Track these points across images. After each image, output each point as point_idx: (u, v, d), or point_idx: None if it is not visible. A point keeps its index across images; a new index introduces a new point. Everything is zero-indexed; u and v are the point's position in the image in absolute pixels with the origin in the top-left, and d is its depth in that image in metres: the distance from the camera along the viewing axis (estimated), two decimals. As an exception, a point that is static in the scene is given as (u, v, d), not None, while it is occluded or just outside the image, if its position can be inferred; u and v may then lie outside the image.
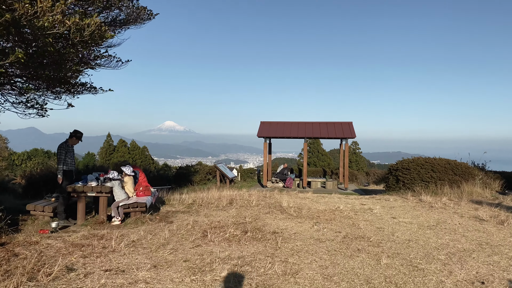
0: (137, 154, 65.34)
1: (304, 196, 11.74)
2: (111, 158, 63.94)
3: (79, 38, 4.52)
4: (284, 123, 19.17)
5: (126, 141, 66.48)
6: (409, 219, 7.87)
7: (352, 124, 18.97)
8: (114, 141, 64.04)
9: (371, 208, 9.22)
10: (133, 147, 65.70)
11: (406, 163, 13.52)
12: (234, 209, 8.86)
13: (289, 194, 12.44)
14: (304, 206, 9.48)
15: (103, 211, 7.69)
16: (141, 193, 8.07)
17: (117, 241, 5.69)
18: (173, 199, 10.34)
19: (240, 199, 10.63)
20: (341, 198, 11.38)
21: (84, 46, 4.70)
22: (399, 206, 9.78)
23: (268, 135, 18.04)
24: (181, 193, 12.78)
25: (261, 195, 11.83)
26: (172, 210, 8.88)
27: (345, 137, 17.81)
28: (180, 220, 7.67)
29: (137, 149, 65.79)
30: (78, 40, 4.54)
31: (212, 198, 10.50)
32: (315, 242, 5.88)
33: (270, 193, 12.96)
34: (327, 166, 59.91)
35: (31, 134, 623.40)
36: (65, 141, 7.91)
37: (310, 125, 18.77)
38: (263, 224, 7.24)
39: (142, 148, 68.02)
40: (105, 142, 66.60)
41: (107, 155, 64.24)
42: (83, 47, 4.74)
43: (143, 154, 66.71)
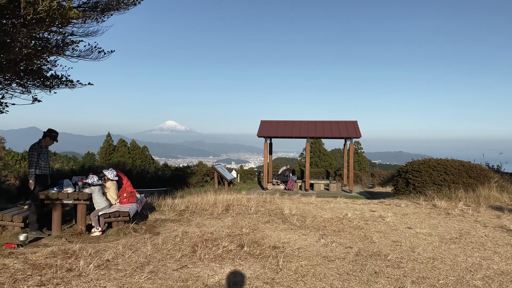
0: (137, 154, 64.53)
1: (308, 201, 10.83)
2: (111, 158, 63.12)
3: (33, 15, 3.63)
4: (286, 122, 18.27)
5: (127, 140, 65.74)
6: (427, 230, 6.95)
7: (357, 123, 18.06)
8: (115, 141, 63.31)
9: (382, 216, 8.31)
10: (133, 147, 64.88)
11: (416, 164, 12.60)
12: (230, 217, 7.95)
13: (291, 199, 11.54)
14: (308, 213, 8.57)
15: (81, 221, 6.80)
16: (125, 200, 7.18)
17: (88, 260, 4.80)
18: (164, 205, 9.44)
19: (237, 204, 9.74)
20: (347, 204, 10.46)
21: (41, 26, 3.81)
22: (412, 213, 8.87)
23: (268, 134, 17.14)
24: (175, 197, 11.90)
25: (260, 200, 10.93)
26: (161, 218, 7.98)
27: (349, 137, 16.90)
28: (168, 231, 6.77)
29: (137, 149, 64.97)
30: (32, 17, 3.65)
31: (206, 204, 9.60)
32: (323, 261, 4.98)
33: (271, 197, 12.05)
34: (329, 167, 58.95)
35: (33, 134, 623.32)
36: (37, 141, 7.03)
37: (312, 124, 17.87)
38: (262, 236, 6.34)
39: (142, 148, 67.18)
40: (105, 141, 65.82)
41: (107, 155, 63.44)
42: (40, 27, 3.86)
43: (143, 154, 65.89)
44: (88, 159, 73.16)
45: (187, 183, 15.57)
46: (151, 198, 10.64)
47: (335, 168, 60.44)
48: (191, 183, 15.89)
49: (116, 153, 62.44)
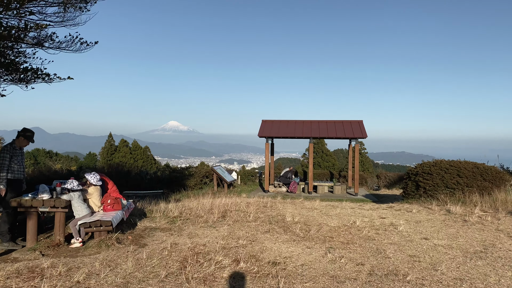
0: (138, 154, 63.89)
1: (312, 206, 10.09)
2: (113, 158, 62.54)
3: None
4: (288, 121, 17.53)
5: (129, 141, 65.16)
6: (446, 241, 6.20)
7: (363, 123, 17.30)
8: (118, 141, 62.69)
9: (394, 224, 7.57)
10: (135, 147, 64.25)
11: (427, 166, 11.83)
12: (226, 225, 7.21)
13: (293, 203, 10.80)
14: (312, 221, 7.83)
15: (59, 231, 6.09)
16: (109, 207, 6.46)
17: (54, 282, 4.08)
18: (156, 211, 8.72)
19: (235, 210, 9.01)
20: (355, 209, 9.71)
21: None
22: (425, 220, 8.12)
23: (270, 135, 16.42)
24: (169, 202, 11.18)
25: (261, 204, 10.20)
26: (151, 226, 7.26)
27: (355, 137, 16.15)
28: (157, 242, 6.05)
29: (138, 149, 64.33)
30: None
31: (202, 209, 8.88)
32: (331, 283, 4.24)
33: (272, 201, 11.33)
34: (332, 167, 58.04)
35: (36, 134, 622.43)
36: (10, 142, 6.33)
37: (316, 124, 17.12)
38: (261, 249, 5.61)
39: (144, 148, 66.51)
40: (107, 142, 65.21)
41: (108, 155, 62.84)
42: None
43: (144, 154, 65.23)
44: (89, 159, 72.62)
45: (184, 185, 14.84)
46: (142, 204, 9.93)
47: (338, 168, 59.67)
48: (189, 185, 15.15)
49: (117, 154, 61.86)
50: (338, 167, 60.19)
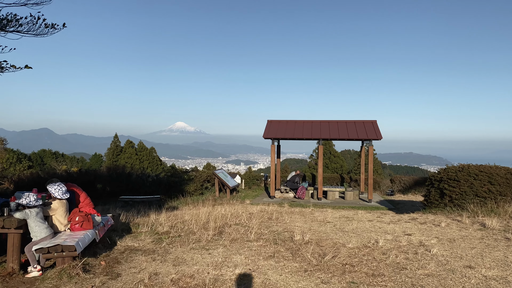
0: (144, 155, 63.02)
1: (324, 218, 8.82)
2: (118, 160, 61.78)
3: None
4: (295, 122, 16.26)
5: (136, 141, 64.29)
6: (497, 271, 4.91)
7: (377, 123, 15.98)
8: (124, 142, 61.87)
9: (424, 244, 6.28)
10: (141, 148, 63.36)
11: (453, 172, 10.50)
12: (221, 246, 5.97)
13: (302, 214, 9.53)
14: (325, 239, 6.57)
15: (12, 257, 4.90)
16: (78, 225, 5.26)
17: None
18: (144, 224, 7.52)
19: (235, 223, 7.78)
20: (373, 222, 8.42)
21: None
22: (460, 237, 6.82)
23: (276, 136, 15.17)
24: (163, 211, 9.97)
25: (265, 216, 8.95)
26: (133, 246, 6.05)
27: (368, 139, 14.84)
28: (133, 271, 4.84)
29: (144, 150, 63.43)
30: None
31: (196, 222, 7.66)
32: None
33: (278, 210, 10.08)
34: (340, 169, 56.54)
35: (44, 134, 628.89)
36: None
37: (326, 125, 15.84)
38: (263, 284, 4.37)
39: (150, 149, 65.56)
40: (112, 143, 64.42)
41: (114, 156, 62.09)
42: None
43: (150, 155, 64.38)
44: (95, 160, 71.99)
45: (183, 191, 13.64)
46: (130, 215, 8.72)
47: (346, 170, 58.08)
48: (188, 191, 13.95)
49: (123, 155, 61.00)
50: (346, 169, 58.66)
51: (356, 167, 56.10)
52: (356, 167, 55.58)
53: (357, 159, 57.67)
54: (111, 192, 25.42)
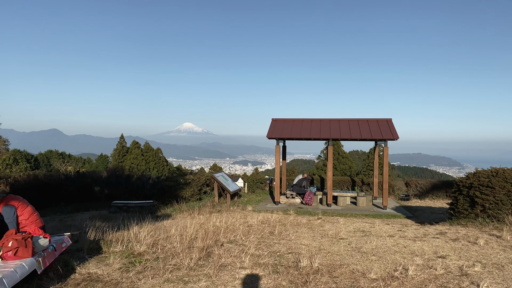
0: (150, 155, 62.04)
1: (335, 232, 7.43)
2: (124, 160, 60.86)
3: None
4: (303, 120, 14.87)
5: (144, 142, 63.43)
6: None
7: (392, 121, 14.55)
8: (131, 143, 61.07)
9: (465, 272, 4.88)
10: (147, 149, 62.43)
11: (485, 177, 9.05)
12: (204, 278, 4.61)
13: (310, 226, 8.15)
14: (340, 265, 5.19)
15: None
16: (11, 253, 3.96)
17: None
18: (118, 241, 6.21)
19: (229, 240, 6.44)
20: (395, 238, 7.02)
21: None
22: (508, 261, 5.42)
23: (281, 136, 13.81)
24: (148, 222, 8.66)
25: (266, 229, 7.60)
26: (94, 275, 4.74)
27: (383, 139, 13.42)
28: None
29: (150, 151, 62.46)
30: None
31: (183, 239, 6.34)
32: None
33: (283, 220, 8.72)
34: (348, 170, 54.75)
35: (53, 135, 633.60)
36: None
37: (336, 123, 14.43)
38: None
39: (156, 150, 64.57)
40: (118, 143, 63.59)
41: (120, 157, 61.24)
42: None
43: (156, 156, 63.40)
44: (101, 161, 71.22)
45: (177, 196, 12.31)
46: (106, 228, 7.41)
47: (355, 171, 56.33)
48: (183, 196, 12.63)
49: (129, 155, 60.11)
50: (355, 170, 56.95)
51: (366, 168, 54.44)
52: (365, 168, 53.93)
53: (366, 160, 55.97)
54: (109, 195, 24.22)
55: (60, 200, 22.56)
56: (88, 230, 6.77)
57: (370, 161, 53.97)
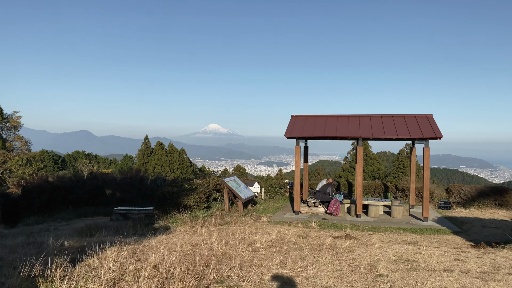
0: (174, 156, 61.34)
1: (370, 263, 5.47)
2: (148, 161, 60.38)
3: None
4: (327, 117, 12.88)
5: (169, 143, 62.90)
6: None
7: (433, 118, 12.37)
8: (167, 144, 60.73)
9: None
10: (171, 149, 61.77)
11: None
12: None
13: (336, 253, 6.19)
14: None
15: None
16: None
17: None
18: (65, 276, 4.48)
19: (219, 278, 4.60)
20: (454, 274, 4.99)
21: None
22: None
23: (302, 134, 11.88)
24: (131, 239, 6.94)
25: (276, 257, 5.72)
26: None
27: (424, 138, 11.27)
28: None
29: (174, 152, 61.75)
30: None
31: (154, 275, 4.55)
32: None
33: (299, 243, 6.82)
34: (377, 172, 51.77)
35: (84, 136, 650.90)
36: None
37: (366, 120, 12.37)
38: None
39: (180, 151, 63.79)
40: (143, 144, 63.28)
41: (144, 157, 60.82)
42: None
43: (180, 157, 62.69)
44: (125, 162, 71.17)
45: (180, 204, 10.56)
46: (38, 263, 5.71)
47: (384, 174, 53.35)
48: (188, 204, 10.88)
49: (153, 156, 59.61)
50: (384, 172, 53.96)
51: (395, 171, 51.42)
52: (394, 170, 50.94)
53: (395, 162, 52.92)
54: (121, 199, 22.89)
55: (70, 203, 21.42)
56: (41, 257, 5.10)
57: (400, 163, 50.99)
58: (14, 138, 38.19)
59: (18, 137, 38.32)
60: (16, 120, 38.02)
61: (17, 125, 38.61)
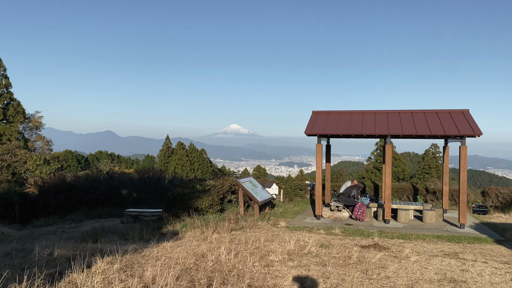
0: (195, 157, 61.25)
1: (408, 282, 4.49)
2: (169, 161, 60.41)
3: None
4: (352, 112, 11.84)
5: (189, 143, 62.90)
6: None
7: (469, 113, 11.17)
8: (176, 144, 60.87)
9: None
10: (191, 150, 61.71)
11: None
12: None
13: (365, 269, 5.23)
14: None
15: None
16: None
17: None
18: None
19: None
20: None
21: None
22: None
23: (324, 132, 10.90)
24: (128, 248, 6.15)
25: (293, 272, 4.81)
26: None
27: (460, 135, 10.11)
28: None
29: (195, 152, 61.63)
30: None
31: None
32: None
33: (321, 258, 5.89)
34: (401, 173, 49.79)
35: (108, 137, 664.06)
36: None
37: (395, 116, 11.27)
38: None
39: (200, 151, 63.62)
40: (164, 144, 63.51)
41: (165, 157, 60.94)
42: None
43: (201, 157, 62.49)
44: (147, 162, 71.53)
45: (191, 207, 9.72)
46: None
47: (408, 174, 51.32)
48: (200, 207, 10.04)
49: (174, 156, 59.67)
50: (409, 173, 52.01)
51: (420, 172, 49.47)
52: (420, 171, 48.99)
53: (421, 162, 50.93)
54: (137, 199, 22.37)
55: (85, 204, 21.04)
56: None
57: (425, 163, 49.04)
58: (36, 138, 38.45)
59: (40, 137, 38.58)
60: (37, 120, 38.26)
61: (39, 125, 38.86)
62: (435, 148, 52.38)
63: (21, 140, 32.99)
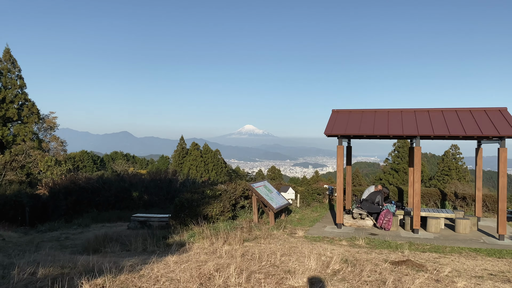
0: (209, 157, 60.74)
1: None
2: (184, 162, 60.01)
3: None
4: (375, 111, 10.86)
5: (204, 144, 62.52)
6: None
7: (508, 111, 10.08)
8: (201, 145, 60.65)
9: None
10: (206, 150, 61.25)
11: None
12: None
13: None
14: None
15: None
16: None
17: None
18: None
19: None
20: None
21: None
22: None
23: (346, 132, 9.96)
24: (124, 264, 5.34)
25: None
26: None
27: (499, 136, 9.06)
28: None
29: (209, 152, 61.14)
30: None
31: None
32: None
33: (346, 278, 5.00)
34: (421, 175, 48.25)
35: (124, 138, 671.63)
36: None
37: (424, 115, 10.26)
38: None
39: (215, 151, 63.08)
40: (178, 145, 63.24)
41: (180, 158, 60.62)
42: None
43: (215, 158, 61.93)
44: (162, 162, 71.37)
45: (200, 214, 8.88)
46: None
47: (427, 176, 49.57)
48: (210, 214, 9.20)
49: (188, 157, 59.30)
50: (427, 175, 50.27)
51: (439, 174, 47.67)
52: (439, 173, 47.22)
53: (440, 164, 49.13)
54: (148, 202, 21.73)
55: (96, 206, 20.49)
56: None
57: (445, 165, 47.29)
58: (50, 138, 38.31)
59: (54, 138, 38.43)
60: (52, 120, 38.11)
61: (53, 126, 38.70)
62: (455, 149, 50.54)
63: (35, 140, 32.76)
